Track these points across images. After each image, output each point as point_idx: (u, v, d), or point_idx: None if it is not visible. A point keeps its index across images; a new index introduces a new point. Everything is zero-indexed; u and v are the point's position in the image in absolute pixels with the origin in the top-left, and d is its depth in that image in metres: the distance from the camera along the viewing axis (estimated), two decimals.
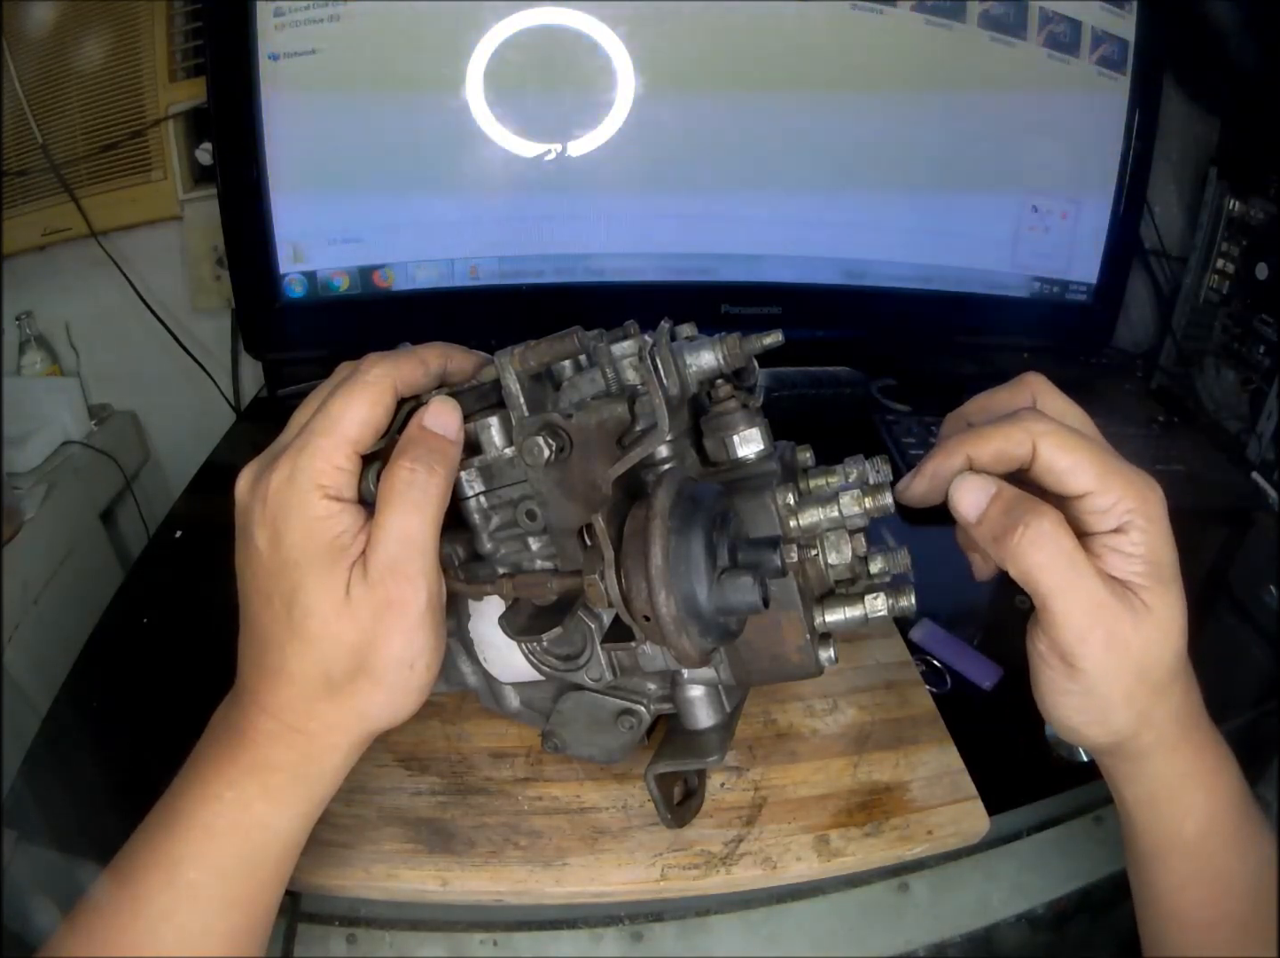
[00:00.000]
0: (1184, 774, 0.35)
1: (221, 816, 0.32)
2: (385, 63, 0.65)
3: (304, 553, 0.31)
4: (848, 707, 0.48)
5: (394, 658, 0.32)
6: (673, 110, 0.68)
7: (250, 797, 0.32)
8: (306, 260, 0.70)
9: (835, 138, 0.71)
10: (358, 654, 0.31)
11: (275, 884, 0.34)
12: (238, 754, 0.32)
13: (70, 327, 0.93)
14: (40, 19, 0.80)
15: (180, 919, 0.31)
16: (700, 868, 0.40)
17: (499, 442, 0.35)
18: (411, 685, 0.33)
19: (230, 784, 0.32)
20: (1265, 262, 0.77)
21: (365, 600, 0.31)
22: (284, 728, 0.32)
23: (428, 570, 0.32)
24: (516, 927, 0.43)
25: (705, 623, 0.29)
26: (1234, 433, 0.80)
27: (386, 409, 0.33)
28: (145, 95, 0.82)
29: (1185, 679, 0.34)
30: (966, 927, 0.44)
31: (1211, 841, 0.35)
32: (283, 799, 0.33)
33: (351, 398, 0.32)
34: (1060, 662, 0.32)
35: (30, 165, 0.83)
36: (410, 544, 0.31)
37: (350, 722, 0.33)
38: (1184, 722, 0.35)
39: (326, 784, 0.34)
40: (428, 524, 0.32)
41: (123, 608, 0.59)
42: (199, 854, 0.31)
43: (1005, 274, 0.78)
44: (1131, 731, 0.34)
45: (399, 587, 0.31)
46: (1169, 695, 0.34)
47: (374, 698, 0.32)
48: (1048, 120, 0.75)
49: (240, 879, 0.32)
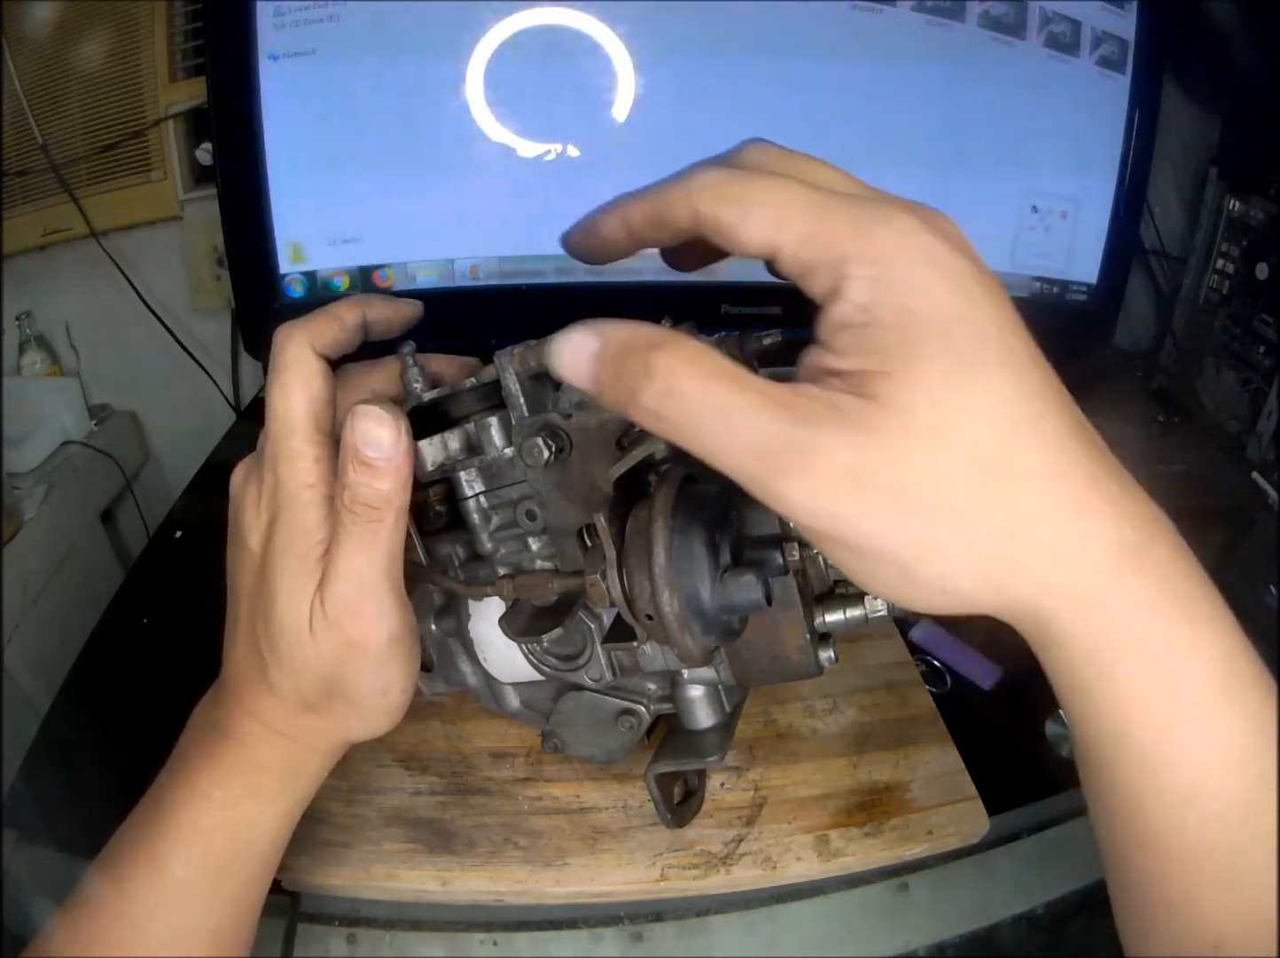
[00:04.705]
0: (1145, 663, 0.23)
1: (208, 813, 0.32)
2: (385, 63, 0.65)
3: (282, 561, 0.30)
4: (848, 707, 0.48)
5: (364, 687, 0.32)
6: (673, 110, 0.68)
7: (237, 796, 0.32)
8: (306, 260, 0.70)
9: (835, 138, 0.71)
10: (327, 683, 0.31)
11: (261, 881, 0.34)
12: (224, 753, 0.32)
13: (70, 327, 0.93)
14: (40, 19, 0.80)
15: (168, 917, 0.31)
16: (700, 868, 0.40)
17: (499, 442, 0.35)
18: (389, 708, 0.33)
19: (217, 783, 0.32)
20: (1265, 262, 0.77)
21: (326, 638, 0.30)
22: (269, 732, 0.32)
23: (386, 610, 0.31)
24: (516, 927, 0.43)
25: (708, 621, 0.29)
26: (1234, 433, 0.80)
27: (324, 377, 0.31)
28: (145, 95, 0.82)
29: (1079, 492, 0.22)
30: (966, 927, 0.44)
31: (1212, 795, 0.24)
32: (269, 798, 0.33)
33: (284, 391, 0.31)
34: (810, 534, 0.24)
35: (30, 165, 0.83)
36: (364, 584, 0.30)
37: (330, 732, 0.33)
38: (1112, 563, 0.23)
39: (311, 783, 0.34)
40: (378, 560, 0.30)
41: (123, 608, 0.59)
42: (186, 852, 0.31)
43: (1005, 274, 0.78)
44: (996, 594, 0.23)
45: (357, 628, 0.30)
46: (1034, 524, 0.22)
47: (350, 717, 0.33)
48: (1047, 120, 0.75)
49: (227, 876, 0.32)
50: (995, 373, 0.22)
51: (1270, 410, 0.75)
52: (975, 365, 0.22)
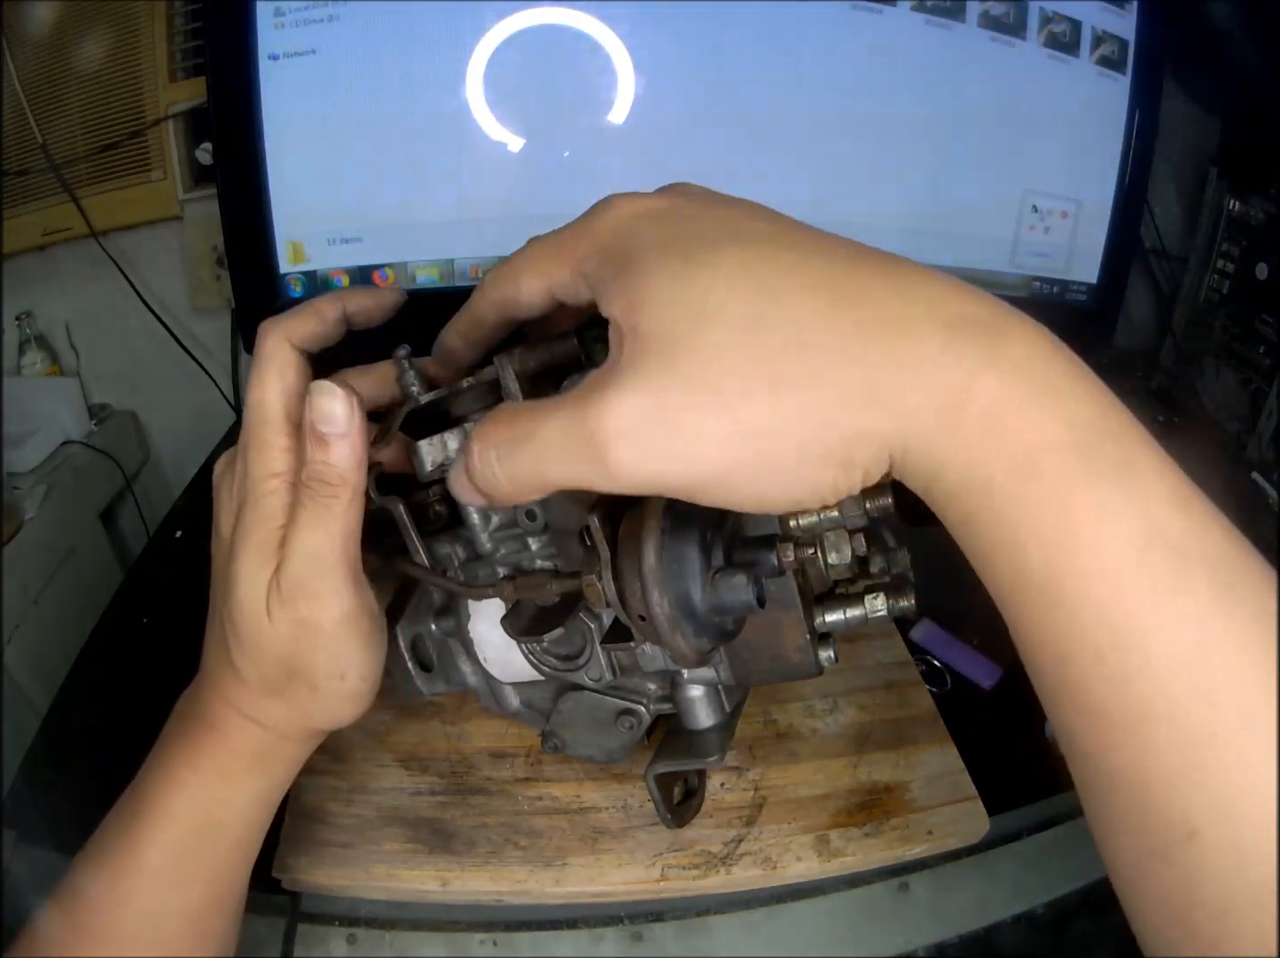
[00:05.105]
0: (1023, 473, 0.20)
1: (179, 796, 0.32)
2: (385, 63, 0.65)
3: (244, 544, 0.31)
4: (848, 707, 0.48)
5: (321, 670, 0.32)
6: (674, 111, 0.68)
7: (207, 779, 0.32)
8: (306, 260, 0.70)
9: (835, 139, 0.71)
10: (285, 665, 0.31)
11: (236, 865, 0.34)
12: (198, 738, 0.33)
13: (70, 327, 0.93)
14: (40, 19, 0.80)
15: (141, 901, 0.31)
16: (700, 868, 0.40)
17: None
18: (348, 693, 0.33)
19: (189, 766, 0.32)
20: (1265, 262, 0.77)
21: (281, 617, 0.30)
22: (237, 716, 0.33)
23: (339, 588, 0.31)
24: (516, 927, 0.43)
25: (700, 623, 0.29)
26: (1234, 433, 0.80)
27: (297, 369, 0.32)
28: (145, 95, 0.82)
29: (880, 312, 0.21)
30: (966, 927, 0.44)
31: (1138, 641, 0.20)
32: (238, 782, 0.33)
33: (259, 381, 0.31)
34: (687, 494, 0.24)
35: (30, 165, 0.83)
36: (317, 562, 0.30)
37: (296, 719, 0.33)
38: (955, 366, 0.21)
39: (284, 769, 0.34)
40: (332, 537, 0.30)
41: (123, 608, 0.59)
42: (160, 835, 0.32)
43: (1005, 274, 0.78)
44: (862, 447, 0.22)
45: (309, 605, 0.30)
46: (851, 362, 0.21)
47: (312, 703, 0.32)
48: (1047, 120, 0.75)
49: (198, 859, 0.32)
50: (727, 250, 0.23)
51: (1270, 410, 0.75)
52: (697, 256, 0.22)
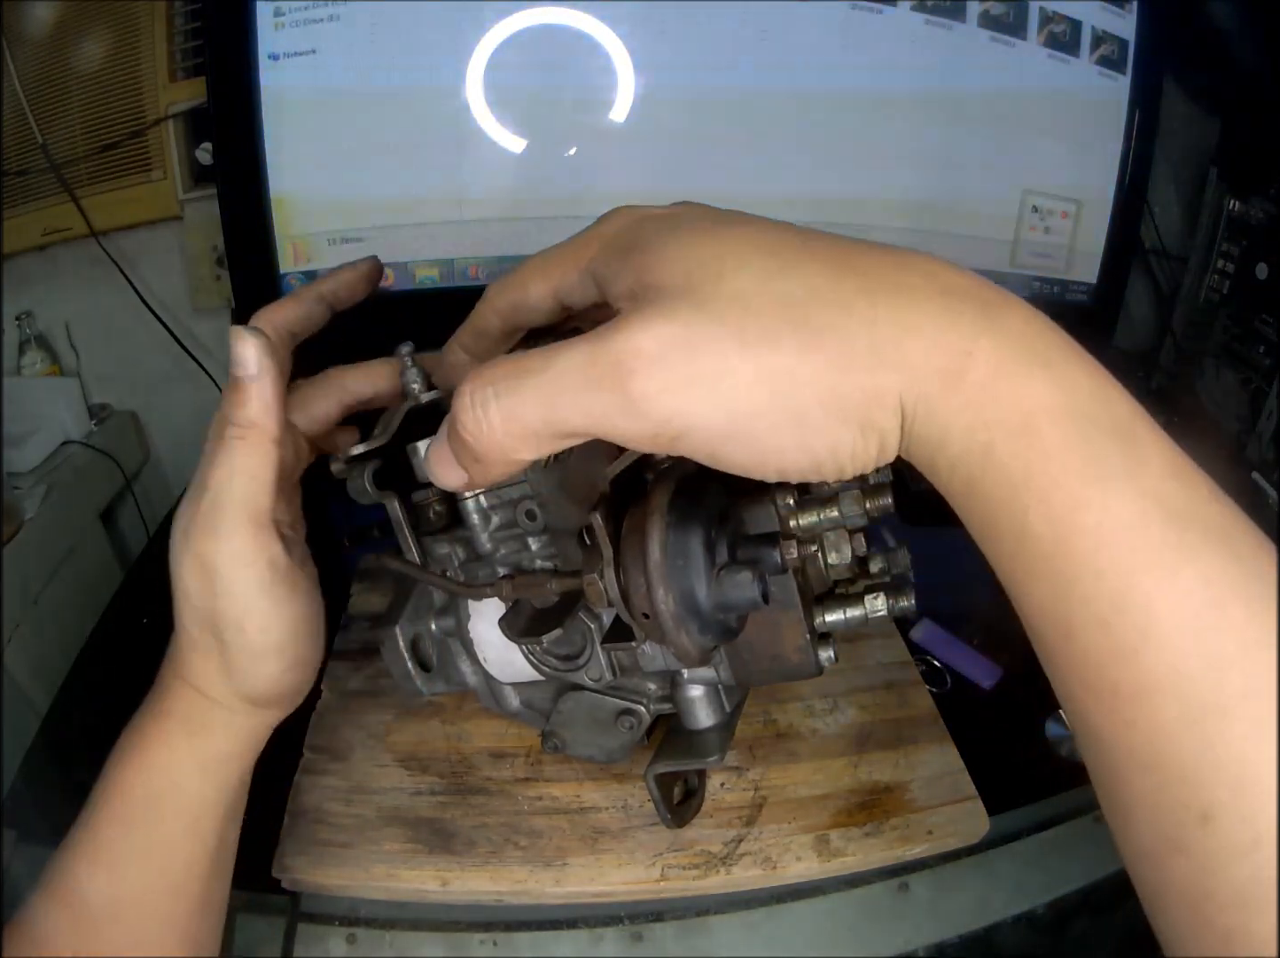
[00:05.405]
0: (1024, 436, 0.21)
1: (128, 765, 0.32)
2: (385, 63, 0.65)
3: (183, 507, 0.32)
4: (848, 707, 0.48)
5: (220, 616, 0.31)
6: (674, 111, 0.68)
7: (150, 743, 0.33)
8: (306, 260, 0.70)
9: (835, 139, 0.71)
10: (197, 612, 0.32)
11: (188, 839, 0.33)
12: (147, 707, 0.33)
13: (70, 327, 0.93)
14: (40, 19, 0.80)
15: (98, 882, 0.32)
16: (700, 868, 0.40)
17: None
18: (254, 649, 0.32)
19: (141, 734, 0.33)
20: (1265, 262, 0.77)
21: (185, 554, 0.31)
22: (177, 679, 0.33)
23: (236, 526, 0.31)
24: (516, 927, 0.43)
25: (704, 620, 0.29)
26: (1234, 433, 0.80)
27: (269, 353, 0.31)
28: (145, 95, 0.82)
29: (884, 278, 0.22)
30: (966, 927, 0.44)
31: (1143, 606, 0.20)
32: (176, 747, 0.33)
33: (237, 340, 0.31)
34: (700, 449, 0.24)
35: (30, 165, 0.83)
36: (215, 497, 0.31)
37: (218, 679, 0.33)
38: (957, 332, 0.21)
39: (225, 740, 0.33)
40: (235, 475, 0.30)
41: (123, 608, 0.59)
42: (111, 810, 0.32)
43: (1005, 274, 0.78)
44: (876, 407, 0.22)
45: (203, 541, 0.31)
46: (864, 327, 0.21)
47: (226, 658, 0.32)
48: (1048, 120, 0.75)
49: (144, 828, 0.32)
50: (738, 224, 0.24)
51: (1270, 410, 0.75)
52: (711, 230, 0.24)
